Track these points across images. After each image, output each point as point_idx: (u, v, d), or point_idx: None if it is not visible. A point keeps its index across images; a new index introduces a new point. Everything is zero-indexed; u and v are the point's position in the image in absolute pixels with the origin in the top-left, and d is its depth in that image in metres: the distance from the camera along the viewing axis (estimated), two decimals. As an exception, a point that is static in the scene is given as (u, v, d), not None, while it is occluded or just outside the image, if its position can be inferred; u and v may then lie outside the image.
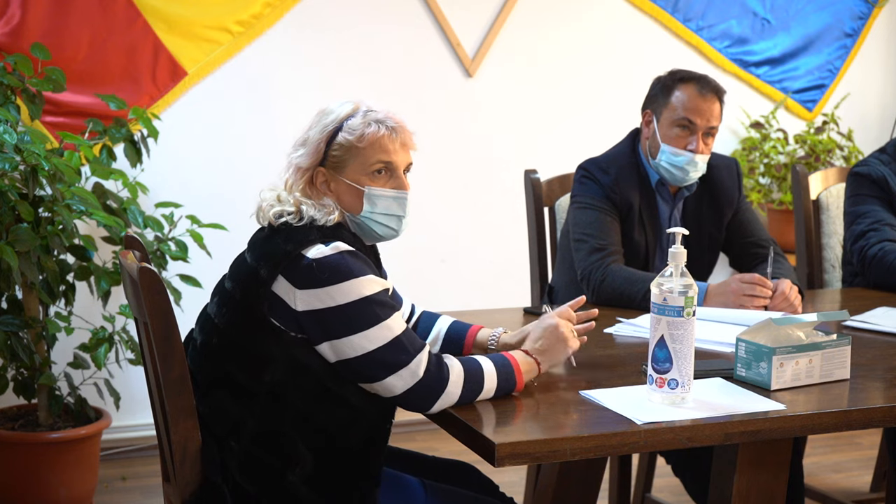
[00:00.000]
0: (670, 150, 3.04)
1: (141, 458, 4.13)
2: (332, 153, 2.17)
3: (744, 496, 2.17)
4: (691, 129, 3.03)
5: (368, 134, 2.16)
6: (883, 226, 3.28)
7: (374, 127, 2.16)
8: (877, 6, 5.10)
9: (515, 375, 2.13)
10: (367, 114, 2.18)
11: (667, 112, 3.06)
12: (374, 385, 2.06)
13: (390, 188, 2.19)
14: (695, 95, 3.04)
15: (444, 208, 4.51)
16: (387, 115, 2.19)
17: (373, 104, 2.22)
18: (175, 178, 4.12)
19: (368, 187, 2.18)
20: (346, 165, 2.18)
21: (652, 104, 3.12)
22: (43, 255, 3.39)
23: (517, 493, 3.44)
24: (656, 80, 3.15)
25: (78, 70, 3.93)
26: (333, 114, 2.19)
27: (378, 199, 2.18)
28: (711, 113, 3.04)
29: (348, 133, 2.16)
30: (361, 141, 2.16)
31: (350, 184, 2.18)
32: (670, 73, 3.14)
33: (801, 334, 2.27)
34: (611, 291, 2.94)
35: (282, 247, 2.08)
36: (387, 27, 4.39)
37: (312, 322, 2.05)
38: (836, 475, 4.12)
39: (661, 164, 3.06)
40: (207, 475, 2.07)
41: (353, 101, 2.21)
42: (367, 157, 2.17)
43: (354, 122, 2.17)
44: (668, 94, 3.08)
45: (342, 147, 2.17)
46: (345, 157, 2.17)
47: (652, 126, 3.09)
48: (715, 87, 3.07)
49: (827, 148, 4.89)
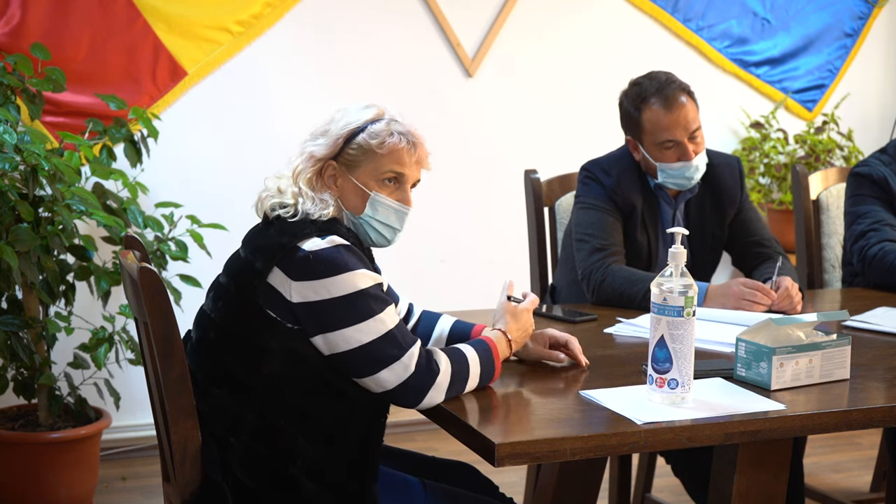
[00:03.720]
0: (666, 167, 3.03)
1: (141, 458, 4.13)
2: (348, 150, 2.19)
3: (744, 496, 2.17)
4: (676, 143, 3.02)
5: (390, 143, 2.19)
6: (883, 226, 3.28)
7: (397, 138, 2.19)
8: (877, 6, 5.10)
9: (494, 359, 2.18)
10: (392, 123, 2.21)
11: (646, 137, 3.04)
12: (366, 379, 2.08)
13: (395, 199, 2.21)
14: (663, 115, 2.99)
15: (444, 208, 4.51)
16: (410, 130, 2.23)
17: (397, 115, 2.24)
18: (175, 178, 4.12)
19: (375, 192, 2.20)
20: (359, 166, 2.20)
21: (629, 130, 3.10)
22: (43, 255, 3.39)
23: (517, 493, 3.44)
24: (621, 102, 3.09)
25: (78, 70, 3.93)
26: (357, 114, 2.22)
27: (380, 207, 2.20)
28: (686, 120, 3.00)
29: (370, 136, 2.19)
30: (381, 147, 2.18)
31: (358, 185, 2.20)
32: (630, 92, 3.06)
33: (801, 334, 2.27)
34: (611, 291, 2.94)
35: (277, 239, 2.10)
36: (387, 27, 4.39)
37: (307, 314, 2.06)
38: (836, 475, 4.12)
39: (664, 181, 3.06)
40: (208, 474, 2.07)
41: (377, 106, 2.24)
42: (381, 163, 2.19)
43: (378, 127, 2.19)
44: (637, 119, 3.04)
45: (360, 148, 2.19)
46: (360, 157, 2.19)
47: (640, 150, 3.08)
48: (677, 89, 3.00)
49: (827, 148, 4.89)
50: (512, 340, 2.25)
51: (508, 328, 2.25)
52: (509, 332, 2.25)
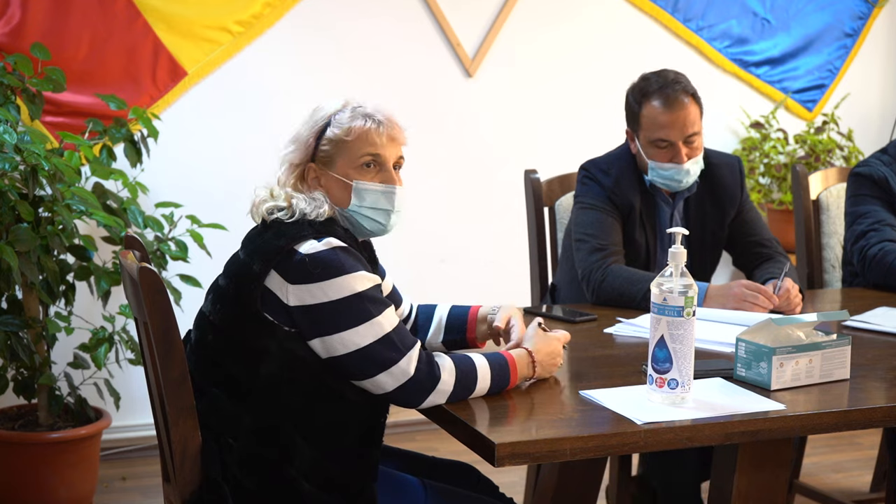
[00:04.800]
0: (657, 166, 3.03)
1: (141, 458, 4.13)
2: (321, 148, 2.20)
3: (744, 496, 2.17)
4: (670, 143, 3.02)
5: (356, 127, 2.18)
6: (884, 226, 3.28)
7: (362, 121, 2.18)
8: (877, 6, 5.09)
9: (510, 374, 2.14)
10: (356, 109, 2.21)
11: (642, 132, 3.04)
12: (365, 382, 2.07)
13: (378, 182, 2.20)
14: (661, 112, 2.99)
15: (444, 208, 4.51)
16: (375, 109, 2.21)
17: (362, 100, 2.23)
18: (175, 178, 4.12)
19: (356, 181, 2.19)
20: (335, 160, 2.19)
21: (629, 122, 3.10)
22: (43, 255, 3.39)
23: (517, 493, 3.44)
24: (627, 94, 3.10)
25: (78, 70, 3.93)
26: (323, 110, 2.22)
27: (366, 193, 2.19)
28: (685, 122, 2.99)
29: (336, 127, 2.18)
30: (349, 134, 2.17)
31: (339, 178, 2.19)
32: (636, 86, 3.07)
33: (801, 334, 2.27)
34: (611, 291, 2.94)
35: (274, 242, 2.10)
36: (387, 27, 4.39)
37: (304, 317, 2.06)
38: (836, 475, 4.11)
39: (653, 179, 3.06)
40: (207, 474, 2.07)
41: (343, 98, 2.24)
42: (354, 150, 2.18)
43: (342, 116, 2.19)
44: (638, 113, 3.04)
45: (331, 142, 2.19)
46: (333, 151, 2.19)
47: (636, 143, 3.09)
48: (680, 90, 3.00)
49: (827, 148, 4.89)
50: (537, 362, 2.18)
51: (536, 349, 2.19)
52: (536, 352, 2.19)
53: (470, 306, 2.41)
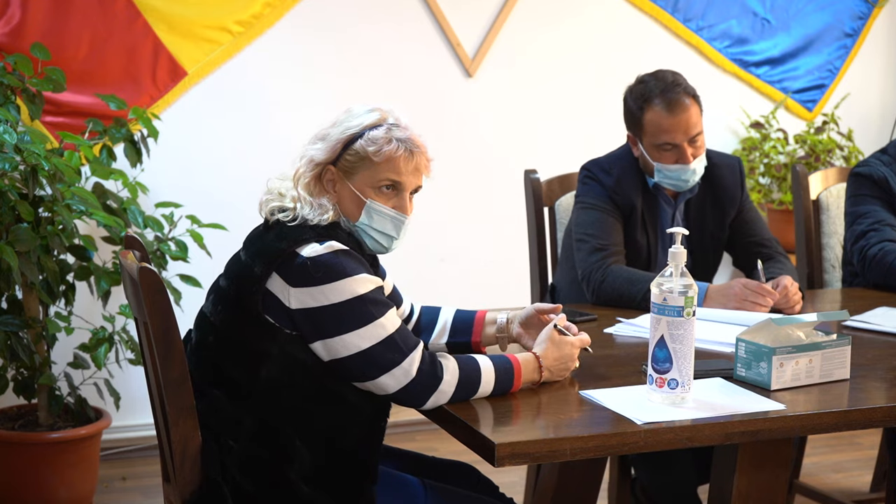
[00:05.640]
0: (663, 168, 3.03)
1: (141, 458, 4.13)
2: (346, 156, 2.17)
3: (744, 496, 2.17)
4: (674, 146, 3.01)
5: (387, 150, 2.15)
6: (884, 226, 3.28)
7: (395, 145, 2.15)
8: (877, 6, 5.09)
9: (514, 377, 2.13)
10: (391, 129, 2.17)
11: (645, 137, 3.04)
12: (367, 384, 2.07)
13: (391, 207, 2.19)
14: (665, 117, 2.98)
15: (444, 208, 4.51)
16: (410, 136, 2.18)
17: (400, 117, 2.20)
18: (175, 178, 4.12)
19: (371, 200, 2.18)
20: (356, 173, 2.17)
21: (630, 127, 3.10)
22: (43, 255, 3.39)
23: (517, 493, 3.44)
24: (626, 98, 3.09)
25: (78, 70, 3.93)
26: (358, 118, 2.18)
27: (376, 215, 2.18)
28: (688, 124, 2.99)
29: (368, 143, 2.15)
30: (378, 155, 2.15)
31: (354, 192, 2.18)
32: (635, 90, 3.05)
33: (801, 334, 2.27)
34: (611, 291, 2.94)
35: (276, 244, 2.09)
36: (387, 27, 4.39)
37: (306, 320, 2.05)
38: (836, 475, 4.11)
39: (660, 181, 3.06)
40: (207, 474, 2.07)
41: (380, 111, 2.20)
42: (378, 171, 2.16)
43: (376, 133, 2.16)
44: (639, 118, 3.03)
45: (357, 154, 2.16)
46: (357, 164, 2.17)
47: (639, 147, 3.08)
48: (681, 92, 2.99)
49: (827, 148, 4.89)
50: (545, 367, 2.17)
51: (545, 354, 2.18)
52: (544, 357, 2.17)
53: (476, 311, 2.41)
